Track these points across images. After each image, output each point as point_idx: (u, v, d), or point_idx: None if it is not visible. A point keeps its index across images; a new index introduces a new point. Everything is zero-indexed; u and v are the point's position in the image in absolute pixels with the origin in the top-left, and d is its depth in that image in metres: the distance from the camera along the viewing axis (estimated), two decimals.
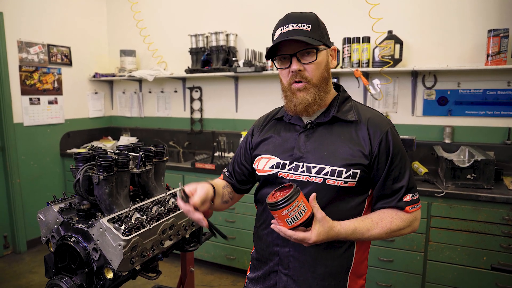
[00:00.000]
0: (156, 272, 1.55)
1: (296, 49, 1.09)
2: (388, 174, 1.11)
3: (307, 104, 1.11)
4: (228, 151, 3.65)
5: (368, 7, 2.86)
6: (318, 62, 1.10)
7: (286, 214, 0.94)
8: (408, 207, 1.11)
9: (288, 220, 0.95)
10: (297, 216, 0.95)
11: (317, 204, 0.99)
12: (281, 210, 0.94)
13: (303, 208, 0.96)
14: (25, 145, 3.65)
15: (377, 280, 2.56)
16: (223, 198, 1.31)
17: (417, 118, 2.99)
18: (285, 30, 1.10)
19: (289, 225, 0.96)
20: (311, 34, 1.08)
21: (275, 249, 1.17)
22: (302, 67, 1.10)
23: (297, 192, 0.95)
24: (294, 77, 1.11)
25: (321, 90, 1.12)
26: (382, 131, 1.11)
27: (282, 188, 1.02)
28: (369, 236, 1.07)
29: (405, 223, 1.11)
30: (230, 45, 3.52)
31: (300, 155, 1.14)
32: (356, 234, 1.05)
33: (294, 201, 0.94)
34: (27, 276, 3.19)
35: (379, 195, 1.13)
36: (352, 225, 1.05)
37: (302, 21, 1.09)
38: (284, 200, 0.93)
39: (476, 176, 2.32)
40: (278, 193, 1.01)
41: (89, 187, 1.43)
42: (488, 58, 2.53)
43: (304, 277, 1.13)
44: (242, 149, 1.36)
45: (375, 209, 1.16)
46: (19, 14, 3.53)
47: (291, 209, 0.94)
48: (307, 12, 1.13)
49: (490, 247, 2.25)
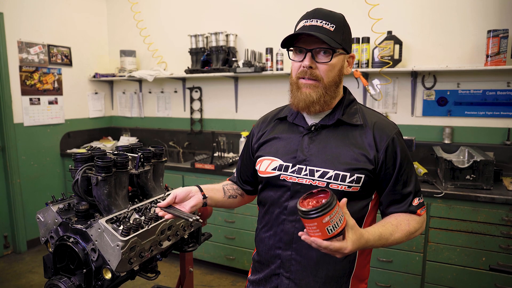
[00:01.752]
0: (155, 272, 1.56)
1: (314, 45, 1.06)
2: (397, 180, 1.10)
3: (311, 102, 1.09)
4: (228, 152, 3.65)
5: (367, 7, 2.86)
6: (332, 64, 1.08)
7: (328, 222, 0.85)
8: (419, 210, 1.13)
9: (329, 227, 0.86)
10: (337, 222, 0.87)
11: (348, 210, 0.93)
12: (323, 217, 0.84)
13: (342, 214, 0.88)
14: (25, 145, 3.66)
15: (376, 280, 2.56)
16: (227, 194, 1.32)
17: (416, 118, 2.99)
18: (308, 23, 1.06)
19: (329, 234, 0.87)
20: (332, 34, 1.05)
21: (277, 252, 1.16)
22: (314, 65, 1.07)
23: (335, 197, 0.87)
24: (303, 73, 1.08)
25: (328, 93, 1.10)
26: (388, 136, 1.10)
27: (311, 195, 0.93)
28: (392, 240, 1.05)
29: (419, 224, 1.13)
30: (230, 45, 3.53)
31: (303, 157, 1.12)
32: (382, 240, 1.02)
33: (335, 206, 0.85)
34: (27, 276, 3.19)
35: (390, 200, 1.12)
36: (378, 231, 1.02)
37: (327, 19, 1.06)
38: (326, 206, 0.84)
39: (475, 177, 2.32)
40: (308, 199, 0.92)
41: (87, 187, 1.43)
42: (487, 58, 2.53)
43: (306, 280, 1.12)
44: (245, 151, 1.36)
45: (386, 214, 1.15)
46: (19, 14, 3.54)
47: (333, 215, 0.85)
48: (336, 12, 1.10)
49: (489, 248, 2.25)
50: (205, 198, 1.20)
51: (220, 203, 1.29)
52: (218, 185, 1.34)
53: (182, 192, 1.16)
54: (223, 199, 1.31)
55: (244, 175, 1.37)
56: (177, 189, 1.18)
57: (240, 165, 1.39)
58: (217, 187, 1.31)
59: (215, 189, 1.29)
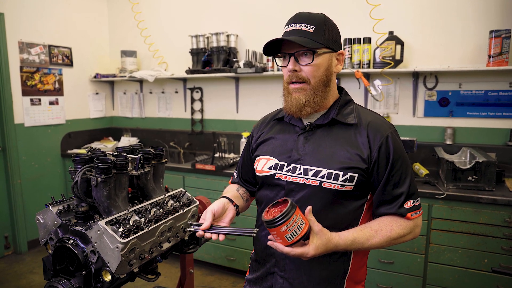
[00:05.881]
0: (155, 273, 1.55)
1: (295, 49, 1.08)
2: (388, 180, 1.09)
3: (301, 105, 1.11)
4: (228, 152, 3.64)
5: (369, 7, 2.85)
6: (316, 65, 1.09)
7: (285, 230, 0.92)
8: (410, 213, 1.09)
9: (288, 236, 0.93)
10: (296, 231, 0.93)
11: (313, 217, 0.98)
12: (280, 226, 0.92)
13: (301, 222, 0.94)
14: (26, 146, 3.66)
15: (377, 282, 2.55)
16: (243, 198, 1.34)
17: (418, 119, 2.98)
18: (289, 29, 1.10)
19: (289, 241, 0.94)
20: (312, 35, 1.06)
21: (272, 250, 1.16)
22: (298, 68, 1.09)
23: (294, 206, 0.93)
24: (291, 77, 1.11)
25: (317, 93, 1.11)
26: (382, 136, 1.09)
27: (276, 204, 0.99)
28: (369, 245, 1.06)
29: (405, 230, 1.09)
30: (231, 45, 3.52)
31: (298, 157, 1.13)
32: (356, 245, 1.04)
33: (292, 216, 0.91)
34: (27, 277, 3.19)
35: (380, 200, 1.12)
36: (351, 235, 1.04)
37: (307, 22, 1.08)
38: (282, 216, 0.91)
39: (477, 178, 2.30)
40: (273, 209, 0.98)
41: (87, 189, 1.42)
42: (489, 59, 2.52)
43: (300, 280, 1.13)
44: (246, 152, 1.37)
45: (376, 215, 1.14)
46: (20, 15, 3.54)
47: (290, 224, 0.91)
48: (316, 13, 1.12)
49: (491, 250, 2.23)
50: (237, 207, 1.22)
51: (242, 210, 1.31)
52: (235, 192, 1.34)
53: (219, 207, 1.16)
54: (244, 205, 1.33)
55: (245, 175, 1.39)
56: (211, 205, 1.16)
57: (241, 165, 1.41)
58: (236, 194, 1.32)
59: (237, 196, 1.31)
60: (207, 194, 3.04)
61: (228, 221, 1.17)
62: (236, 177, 1.43)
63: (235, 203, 1.23)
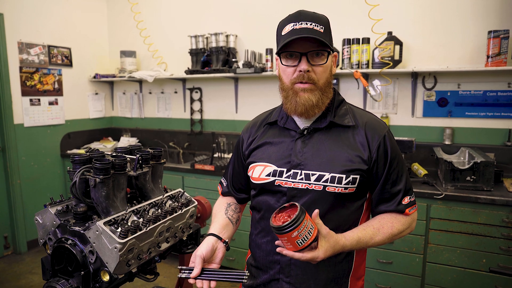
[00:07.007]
0: (154, 273, 1.55)
1: (308, 48, 1.04)
2: (387, 178, 1.10)
3: (311, 106, 1.07)
4: (228, 152, 3.65)
5: (368, 8, 2.86)
6: (327, 66, 1.08)
7: (296, 236, 0.91)
8: (408, 209, 1.12)
9: (299, 241, 0.92)
10: (307, 236, 0.92)
11: (320, 220, 0.97)
12: (291, 232, 0.91)
13: (311, 226, 0.93)
14: (26, 146, 3.66)
15: (376, 282, 2.55)
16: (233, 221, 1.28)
17: (417, 119, 2.98)
18: (298, 26, 1.03)
19: (299, 246, 0.93)
20: (323, 36, 1.04)
21: (276, 257, 1.15)
22: (310, 68, 1.05)
23: (303, 211, 0.92)
24: (301, 78, 1.06)
25: (324, 94, 1.09)
26: (380, 136, 1.10)
27: (283, 209, 0.98)
28: (373, 243, 1.07)
29: (404, 225, 1.12)
30: (230, 46, 3.52)
31: (298, 162, 1.11)
32: (361, 244, 1.05)
33: (303, 221, 0.91)
34: (27, 277, 3.19)
35: (379, 199, 1.13)
36: (356, 235, 1.04)
37: (316, 21, 1.05)
38: (293, 222, 0.90)
39: (475, 178, 2.31)
40: (280, 214, 0.97)
41: (86, 189, 1.43)
42: (488, 59, 2.52)
43: (307, 284, 1.12)
44: (236, 159, 1.33)
45: (375, 212, 1.15)
46: (20, 15, 3.54)
47: (301, 229, 0.91)
48: (320, 14, 1.10)
49: (490, 250, 2.24)
50: (226, 243, 1.16)
51: (232, 235, 1.26)
52: (223, 218, 1.27)
53: (207, 251, 1.09)
54: (234, 229, 1.28)
55: (238, 184, 1.34)
56: (199, 249, 1.10)
57: (231, 174, 1.35)
58: (224, 222, 1.25)
59: (226, 224, 1.24)
60: (206, 194, 3.04)
61: (218, 261, 1.12)
62: (225, 186, 1.37)
63: (224, 239, 1.16)
